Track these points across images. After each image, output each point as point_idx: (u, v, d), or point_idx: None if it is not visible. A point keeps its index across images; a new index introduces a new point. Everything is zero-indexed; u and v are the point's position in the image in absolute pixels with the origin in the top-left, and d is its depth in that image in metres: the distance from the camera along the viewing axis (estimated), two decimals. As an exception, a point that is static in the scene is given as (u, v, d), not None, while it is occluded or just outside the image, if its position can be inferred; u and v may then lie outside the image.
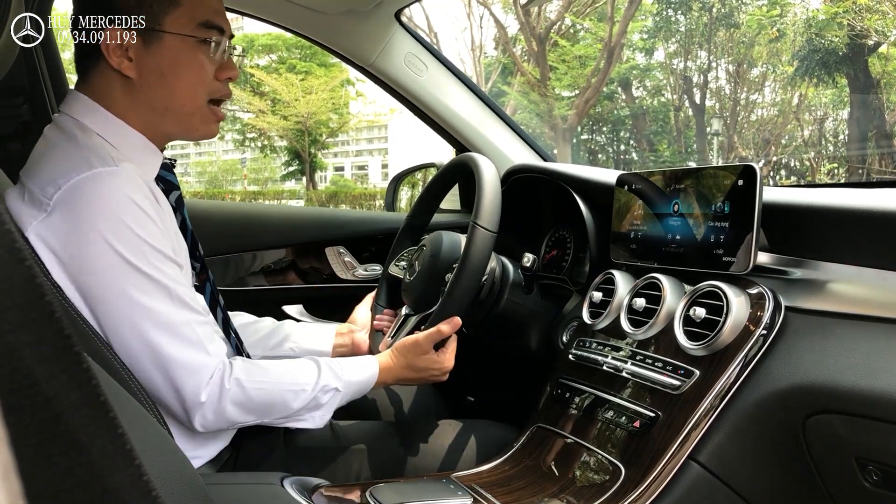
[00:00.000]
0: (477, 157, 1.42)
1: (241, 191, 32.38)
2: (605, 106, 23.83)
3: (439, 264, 1.43)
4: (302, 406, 1.16)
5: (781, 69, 19.71)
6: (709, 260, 1.17)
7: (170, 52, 1.10)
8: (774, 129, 20.02)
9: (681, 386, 1.08)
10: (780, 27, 18.52)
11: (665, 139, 23.66)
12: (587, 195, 1.51)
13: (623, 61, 22.17)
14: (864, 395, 0.90)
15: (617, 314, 1.28)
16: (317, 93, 25.09)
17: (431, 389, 1.68)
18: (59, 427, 0.33)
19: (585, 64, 21.05)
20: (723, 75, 21.75)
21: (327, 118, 27.61)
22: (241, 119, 28.41)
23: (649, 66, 23.57)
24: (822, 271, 1.07)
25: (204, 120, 1.17)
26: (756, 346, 1.04)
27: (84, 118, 1.09)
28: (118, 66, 1.09)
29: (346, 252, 2.05)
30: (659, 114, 23.75)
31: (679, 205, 1.24)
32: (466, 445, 1.36)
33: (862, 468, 0.93)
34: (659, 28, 21.76)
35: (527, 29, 19.63)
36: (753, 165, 1.11)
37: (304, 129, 26.74)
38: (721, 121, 20.73)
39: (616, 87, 23.38)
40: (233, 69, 1.18)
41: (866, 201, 1.03)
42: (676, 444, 1.04)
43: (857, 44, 16.31)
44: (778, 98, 20.67)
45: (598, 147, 25.83)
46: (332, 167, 45.22)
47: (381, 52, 1.79)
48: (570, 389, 1.28)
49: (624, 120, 24.56)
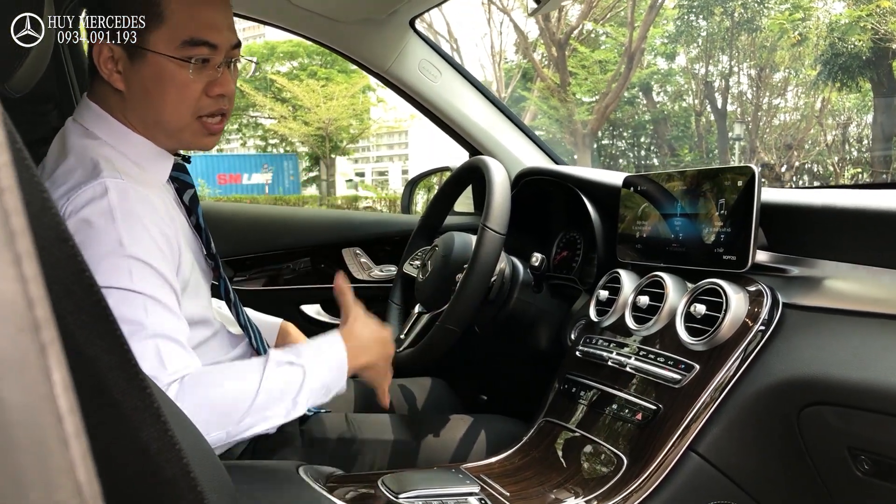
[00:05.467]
0: (488, 160, 1.46)
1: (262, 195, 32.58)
2: (626, 111, 23.77)
3: (450, 264, 1.47)
4: (261, 391, 1.03)
5: (804, 73, 19.57)
6: (710, 258, 1.21)
7: (152, 69, 1.09)
8: (797, 133, 19.85)
9: (681, 380, 1.12)
10: (803, 31, 18.40)
11: (686, 144, 23.54)
12: (595, 197, 1.55)
13: (644, 66, 22.10)
14: (855, 387, 0.93)
15: (622, 312, 1.32)
16: (338, 99, 25.21)
17: (446, 387, 1.72)
18: (98, 385, 0.38)
19: (606, 69, 21.01)
20: (745, 80, 21.62)
21: (348, 124, 27.71)
22: (262, 125, 28.62)
23: (671, 71, 23.47)
24: (818, 269, 1.10)
25: (195, 134, 1.17)
26: (754, 341, 1.07)
27: (93, 126, 1.13)
28: (108, 79, 1.11)
29: (363, 253, 2.10)
30: (680, 119, 23.64)
31: (682, 205, 1.28)
32: (477, 439, 1.41)
33: (854, 458, 0.97)
34: (680, 32, 21.67)
35: (546, 34, 19.63)
36: (752, 167, 1.15)
37: (324, 134, 26.88)
38: (743, 125, 20.60)
39: (637, 92, 23.31)
40: (224, 85, 1.15)
41: (860, 201, 1.07)
42: (676, 435, 1.07)
43: (881, 48, 16.17)
44: (801, 102, 20.51)
45: (618, 152, 25.76)
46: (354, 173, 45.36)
47: (396, 58, 1.84)
48: (576, 384, 1.32)
49: (645, 125, 24.48)
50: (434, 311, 1.51)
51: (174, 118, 1.14)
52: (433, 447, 1.39)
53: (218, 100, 1.16)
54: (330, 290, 2.10)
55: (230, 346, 1.33)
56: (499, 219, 1.33)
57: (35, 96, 1.20)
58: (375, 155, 51.59)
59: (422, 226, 1.73)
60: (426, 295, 1.53)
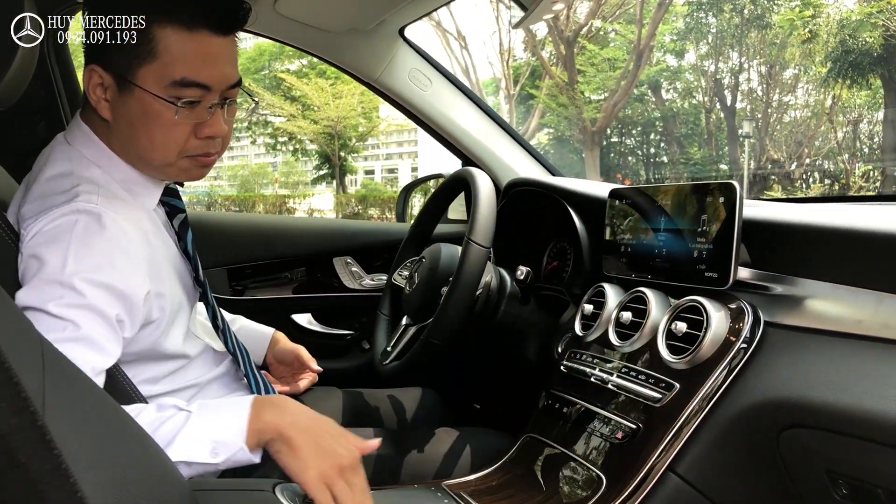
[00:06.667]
0: (474, 172, 1.45)
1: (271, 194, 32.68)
2: (635, 108, 23.69)
3: (437, 276, 1.46)
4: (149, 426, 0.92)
5: (814, 70, 19.44)
6: (692, 275, 1.19)
7: (139, 104, 1.05)
8: (807, 131, 19.75)
9: (661, 399, 1.11)
10: (813, 28, 18.28)
11: (696, 142, 23.45)
12: (582, 209, 1.54)
13: (653, 63, 22.02)
14: (833, 411, 0.92)
15: (606, 327, 1.31)
16: (346, 97, 25.24)
17: (437, 398, 1.72)
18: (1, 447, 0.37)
19: (614, 66, 20.95)
20: (754, 77, 21.52)
21: (357, 122, 27.74)
22: (272, 123, 28.68)
23: (680, 69, 23.38)
24: (800, 287, 1.09)
25: (183, 171, 1.13)
26: (734, 361, 1.06)
27: (82, 146, 1.11)
28: (96, 105, 1.07)
29: (354, 262, 2.09)
30: (689, 116, 23.55)
31: (666, 220, 1.27)
32: (463, 453, 1.40)
33: (832, 482, 0.95)
34: (689, 29, 21.60)
35: (555, 32, 19.59)
36: (734, 183, 1.13)
37: (333, 132, 26.92)
38: (752, 123, 20.50)
39: (646, 90, 23.23)
40: (215, 126, 1.09)
41: (843, 219, 1.05)
42: (656, 455, 1.06)
43: (892, 44, 16.05)
44: (811, 99, 20.40)
45: (627, 150, 25.68)
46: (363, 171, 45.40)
47: (385, 67, 1.84)
48: (560, 400, 1.31)
49: (654, 122, 24.39)
50: (421, 324, 1.50)
51: (158, 156, 1.09)
52: (417, 462, 1.38)
53: (207, 142, 1.10)
54: (321, 300, 2.13)
55: (214, 363, 1.32)
56: (483, 232, 1.32)
57: (22, 107, 1.19)
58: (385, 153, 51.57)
59: (411, 235, 1.72)
60: (413, 307, 1.52)
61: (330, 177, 29.56)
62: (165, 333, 1.16)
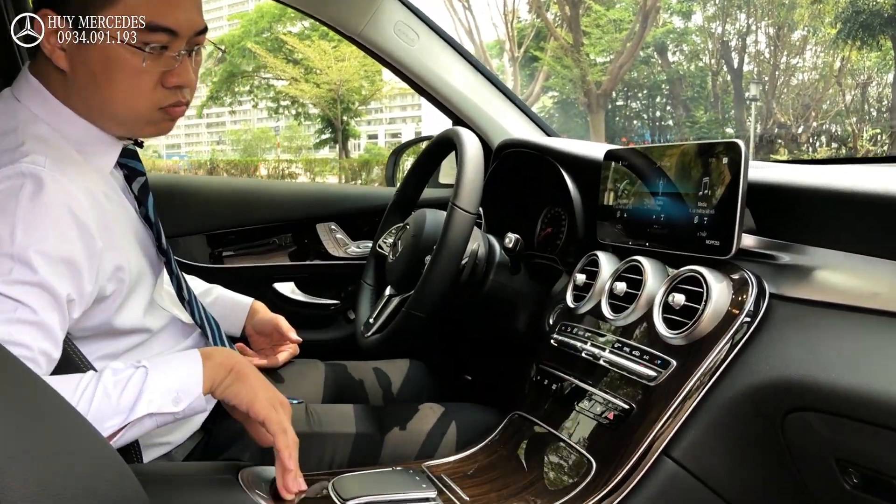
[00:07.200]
0: (461, 131, 1.35)
1: (274, 158, 32.51)
2: (641, 71, 23.43)
3: (421, 244, 1.38)
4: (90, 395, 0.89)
5: (823, 32, 19.12)
6: (692, 242, 1.10)
7: (101, 52, 0.97)
8: (815, 94, 19.49)
9: (657, 377, 1.02)
10: (823, -13, 17.95)
11: (702, 105, 23.23)
12: (576, 171, 1.44)
13: (659, 25, 21.71)
14: (845, 394, 0.83)
15: (599, 298, 1.22)
16: (349, 60, 24.99)
17: (425, 370, 1.64)
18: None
19: (620, 28, 20.65)
20: (762, 39, 21.18)
21: (359, 85, 27.52)
22: (274, 86, 28.44)
23: (686, 30, 23.09)
24: (810, 256, 0.99)
25: (149, 123, 1.06)
26: (736, 336, 0.97)
27: (29, 101, 1.02)
28: (50, 54, 0.98)
29: (339, 229, 2.00)
30: (696, 79, 23.31)
31: (665, 183, 1.17)
32: (447, 431, 1.32)
33: (842, 470, 0.87)
34: (697, -10, 21.25)
35: (560, -7, 19.27)
36: (738, 142, 1.03)
37: (336, 96, 26.71)
38: (759, 86, 20.24)
39: (652, 52, 22.95)
40: (183, 74, 1.03)
41: (856, 182, 0.96)
42: (650, 438, 0.98)
43: (904, 5, 15.76)
44: (819, 62, 20.10)
45: (633, 113, 25.44)
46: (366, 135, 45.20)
47: (369, 20, 1.72)
48: (549, 376, 1.23)
49: (660, 85, 24.12)
50: (404, 294, 1.42)
51: (123, 109, 1.02)
52: (399, 441, 1.30)
53: (175, 91, 1.04)
54: (305, 268, 2.04)
55: (181, 336, 1.25)
56: (469, 197, 1.23)
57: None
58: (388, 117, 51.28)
59: (396, 201, 1.63)
60: (396, 276, 1.44)
61: (333, 141, 29.43)
62: (123, 307, 1.08)
